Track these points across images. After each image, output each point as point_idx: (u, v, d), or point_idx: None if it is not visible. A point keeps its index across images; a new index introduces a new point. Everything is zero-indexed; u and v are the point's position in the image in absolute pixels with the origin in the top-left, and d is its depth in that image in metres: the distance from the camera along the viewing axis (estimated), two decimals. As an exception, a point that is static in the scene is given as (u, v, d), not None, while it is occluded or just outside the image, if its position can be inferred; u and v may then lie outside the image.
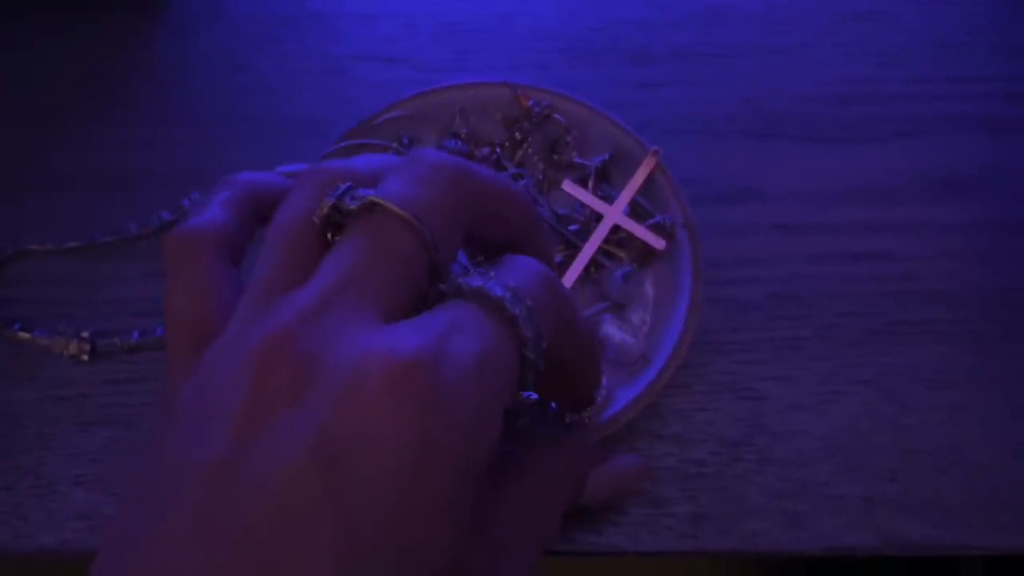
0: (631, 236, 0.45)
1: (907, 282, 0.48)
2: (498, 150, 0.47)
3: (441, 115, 0.48)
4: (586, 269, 0.44)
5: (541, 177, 0.47)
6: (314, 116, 0.52)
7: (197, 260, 0.28)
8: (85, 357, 0.44)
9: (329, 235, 0.27)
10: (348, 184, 0.27)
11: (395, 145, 0.47)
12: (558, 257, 0.45)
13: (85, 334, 0.45)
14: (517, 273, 0.27)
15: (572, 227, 0.46)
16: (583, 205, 0.46)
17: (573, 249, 0.45)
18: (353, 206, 0.26)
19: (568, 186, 0.45)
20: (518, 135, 0.48)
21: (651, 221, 0.45)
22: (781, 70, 0.54)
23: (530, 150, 0.47)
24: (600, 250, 0.45)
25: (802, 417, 0.45)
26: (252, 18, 0.55)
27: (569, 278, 0.44)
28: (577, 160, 0.47)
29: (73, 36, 0.54)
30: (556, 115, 0.47)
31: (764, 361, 0.46)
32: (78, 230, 0.48)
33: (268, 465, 0.22)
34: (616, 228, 0.45)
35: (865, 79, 0.54)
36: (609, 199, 0.46)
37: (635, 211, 0.46)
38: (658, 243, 0.44)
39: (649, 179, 0.45)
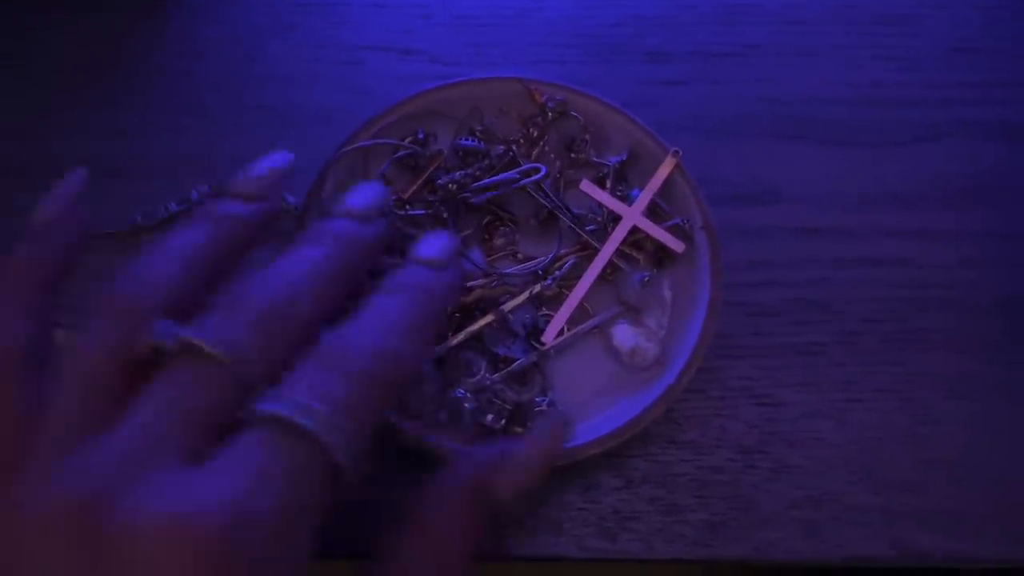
0: (649, 238, 0.44)
1: (927, 289, 0.47)
2: (514, 148, 0.46)
3: (456, 110, 0.47)
4: (603, 271, 0.43)
5: (558, 175, 0.47)
6: (327, 106, 0.51)
7: (2, 383, 0.28)
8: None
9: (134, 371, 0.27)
10: (168, 322, 0.27)
11: (408, 140, 0.46)
12: (571, 259, 0.44)
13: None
14: (314, 377, 0.27)
15: (589, 227, 0.45)
16: (600, 205, 0.45)
17: (590, 250, 0.44)
18: (172, 345, 0.27)
19: (586, 186, 0.45)
20: (533, 132, 0.47)
21: (670, 223, 0.44)
22: (802, 71, 0.54)
23: (547, 148, 0.47)
24: (617, 252, 0.44)
25: (819, 425, 0.44)
26: (264, 5, 0.54)
27: (586, 280, 0.43)
28: (594, 159, 0.46)
29: (79, 21, 0.53)
30: (574, 112, 0.46)
31: (782, 367, 0.45)
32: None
33: None
34: (634, 229, 0.44)
35: (887, 82, 0.53)
36: (626, 198, 0.45)
37: (653, 212, 0.45)
38: (677, 246, 0.43)
39: (668, 180, 0.45)
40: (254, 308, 0.28)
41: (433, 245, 0.34)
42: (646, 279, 0.43)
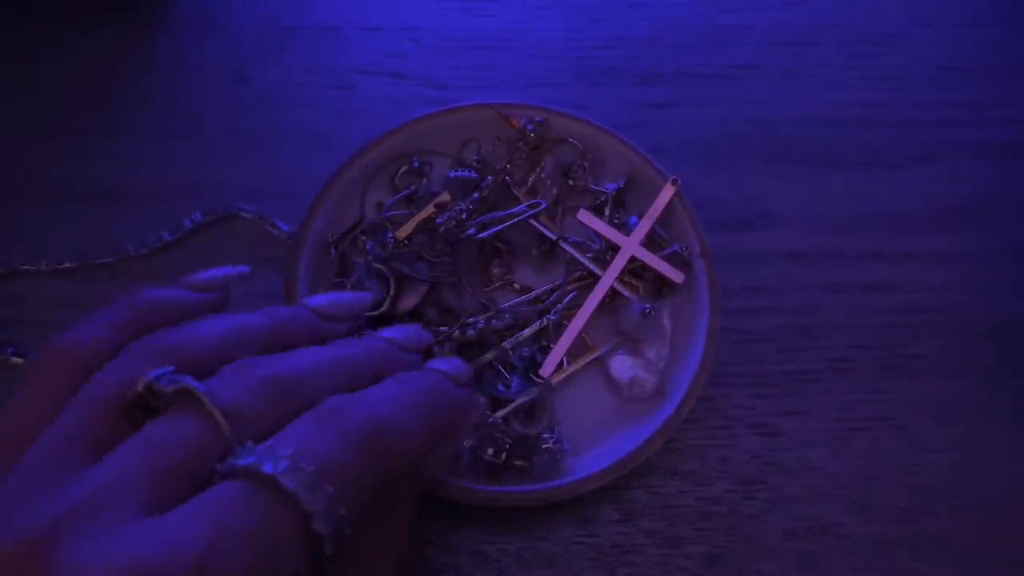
0: (648, 266, 0.44)
1: (919, 314, 0.48)
2: (507, 176, 0.46)
3: (451, 135, 0.47)
4: (602, 301, 0.43)
5: (556, 203, 0.46)
6: (319, 131, 0.50)
7: (51, 379, 0.27)
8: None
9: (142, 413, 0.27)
10: (170, 368, 0.26)
11: (404, 169, 0.46)
12: (572, 292, 0.44)
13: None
14: (305, 432, 0.26)
15: (587, 255, 0.45)
16: (598, 234, 0.44)
17: (589, 280, 0.44)
18: (167, 390, 0.26)
19: (584, 216, 0.44)
20: (521, 156, 0.46)
21: (668, 251, 0.44)
22: (793, 92, 0.54)
23: (543, 175, 0.46)
24: (616, 280, 0.44)
25: (815, 454, 0.44)
26: (255, 28, 0.54)
27: (585, 312, 0.43)
28: (592, 187, 0.46)
29: (68, 45, 0.53)
30: (571, 139, 0.46)
31: (777, 395, 0.45)
32: (74, 246, 0.46)
33: None
34: (633, 258, 0.44)
35: (878, 103, 0.54)
36: (624, 226, 0.45)
37: (651, 239, 0.45)
38: (677, 276, 0.43)
39: (667, 206, 0.45)
40: (260, 374, 0.27)
41: (451, 363, 0.34)
42: (648, 311, 0.43)
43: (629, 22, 0.56)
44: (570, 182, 0.46)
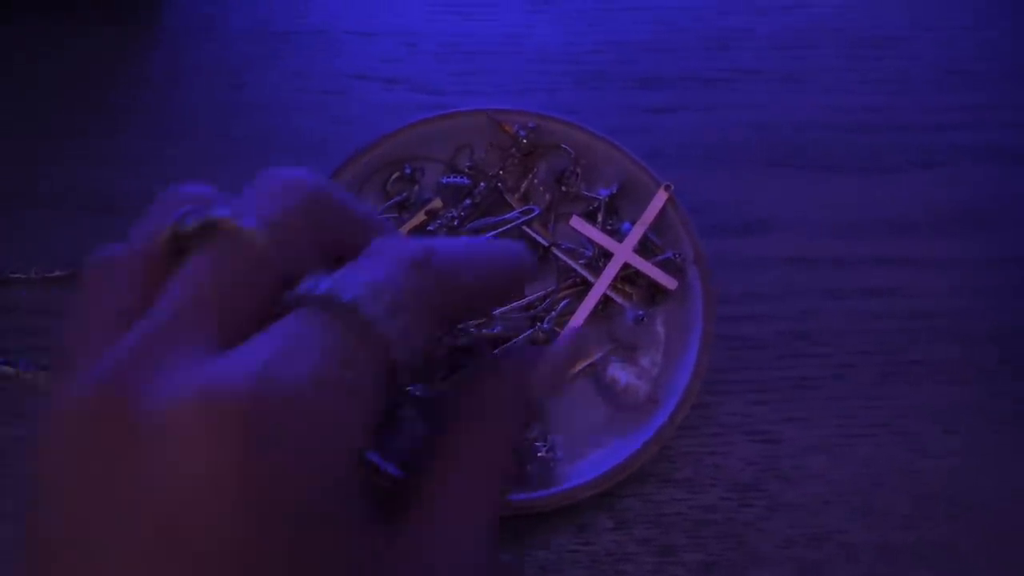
0: (641, 273, 0.44)
1: (921, 320, 0.47)
2: (499, 183, 0.46)
3: (444, 141, 0.46)
4: (595, 308, 0.43)
5: (548, 209, 0.46)
6: (313, 136, 0.50)
7: (103, 285, 0.25)
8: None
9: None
10: (190, 206, 0.25)
11: (395, 176, 0.45)
12: (565, 300, 0.44)
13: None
14: (377, 265, 0.25)
15: (580, 261, 0.44)
16: (591, 240, 0.44)
17: (582, 287, 0.44)
18: (191, 226, 0.24)
19: (576, 223, 0.44)
20: (518, 164, 0.46)
21: (661, 257, 0.44)
22: (793, 96, 0.53)
23: (536, 181, 0.46)
24: (609, 287, 0.43)
25: (815, 461, 0.44)
26: (249, 33, 0.54)
27: (578, 319, 0.43)
28: (585, 193, 0.46)
29: (68, 45, 0.53)
30: (564, 145, 0.46)
31: (776, 402, 0.45)
32: (65, 253, 0.46)
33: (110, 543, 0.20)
34: (626, 265, 0.43)
35: (879, 106, 0.53)
36: (617, 232, 0.44)
37: (644, 246, 0.44)
38: (670, 283, 0.43)
39: (660, 212, 0.44)
40: (287, 180, 0.25)
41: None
42: (641, 318, 0.43)
43: (627, 26, 0.56)
44: (563, 188, 0.46)
